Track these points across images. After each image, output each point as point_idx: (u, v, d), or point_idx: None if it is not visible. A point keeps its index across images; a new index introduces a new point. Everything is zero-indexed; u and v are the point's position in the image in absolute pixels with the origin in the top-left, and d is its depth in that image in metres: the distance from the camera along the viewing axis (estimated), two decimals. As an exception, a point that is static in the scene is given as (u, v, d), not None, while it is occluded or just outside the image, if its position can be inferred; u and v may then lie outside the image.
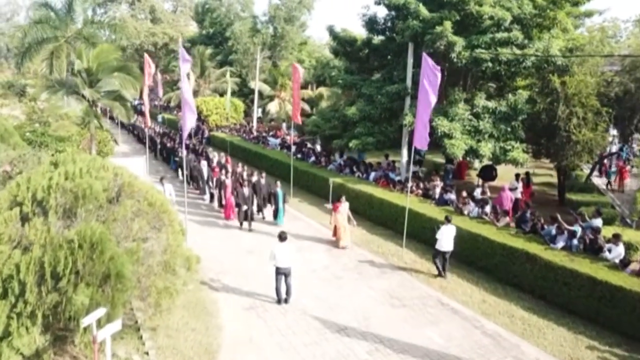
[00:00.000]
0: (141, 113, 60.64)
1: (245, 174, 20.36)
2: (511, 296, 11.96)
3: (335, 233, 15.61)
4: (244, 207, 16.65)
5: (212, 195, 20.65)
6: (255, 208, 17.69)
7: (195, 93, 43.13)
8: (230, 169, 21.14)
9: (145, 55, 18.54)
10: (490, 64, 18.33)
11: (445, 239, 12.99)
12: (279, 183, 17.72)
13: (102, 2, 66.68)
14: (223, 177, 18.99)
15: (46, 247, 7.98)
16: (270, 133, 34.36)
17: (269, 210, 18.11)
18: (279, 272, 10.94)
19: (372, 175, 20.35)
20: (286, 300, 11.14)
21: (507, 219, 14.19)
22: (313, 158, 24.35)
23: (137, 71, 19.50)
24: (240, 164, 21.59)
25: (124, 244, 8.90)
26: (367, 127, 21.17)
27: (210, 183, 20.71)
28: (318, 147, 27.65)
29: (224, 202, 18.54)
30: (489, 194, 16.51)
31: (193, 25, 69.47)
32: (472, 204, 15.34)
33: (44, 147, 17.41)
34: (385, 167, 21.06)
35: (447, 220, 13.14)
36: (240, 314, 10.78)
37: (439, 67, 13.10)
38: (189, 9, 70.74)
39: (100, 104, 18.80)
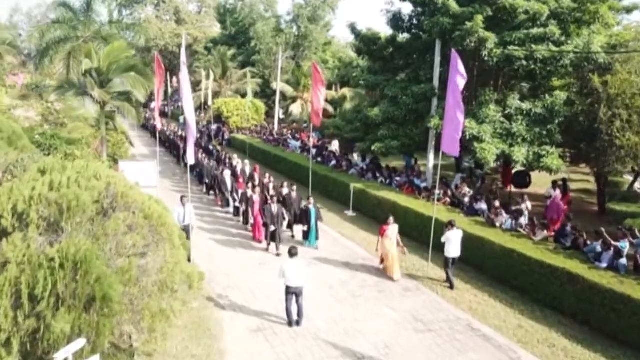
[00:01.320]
0: (163, 114, 60.84)
1: (272, 186, 18.29)
2: (551, 321, 10.66)
3: (382, 260, 13.36)
4: (272, 228, 14.62)
5: (237, 210, 18.44)
6: (285, 225, 15.95)
7: (217, 94, 42.61)
8: (257, 180, 19.09)
9: (156, 54, 17.79)
10: (524, 62, 16.94)
11: (453, 245, 12.21)
12: (312, 199, 15.35)
13: (128, 3, 66.94)
14: (250, 192, 16.56)
15: (25, 265, 7.11)
16: (290, 135, 33.37)
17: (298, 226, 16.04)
18: (289, 291, 9.90)
19: (397, 180, 19.17)
20: (297, 322, 10.09)
21: (545, 232, 12.85)
22: (334, 162, 23.26)
23: (148, 71, 18.79)
24: (267, 175, 19.48)
25: (115, 261, 8.00)
26: (391, 129, 20.01)
27: (235, 195, 18.64)
28: (332, 148, 26.53)
29: (251, 220, 16.33)
30: (528, 204, 15.07)
31: (217, 26, 69.11)
32: (504, 214, 14.02)
33: (53, 150, 16.77)
34: (410, 173, 19.82)
35: (452, 225, 12.44)
36: (246, 337, 9.76)
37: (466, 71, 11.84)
38: (213, 9, 70.49)
39: (110, 106, 18.11)
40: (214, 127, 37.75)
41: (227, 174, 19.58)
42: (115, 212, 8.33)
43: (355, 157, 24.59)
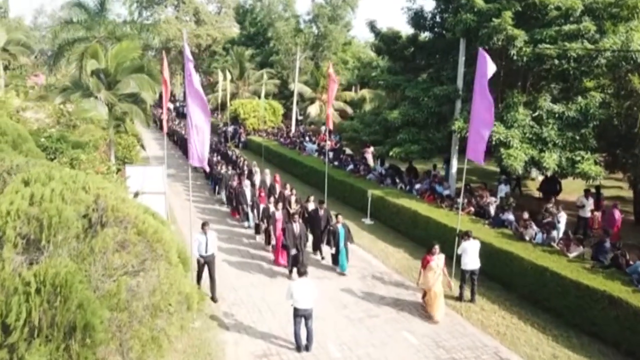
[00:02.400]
0: (181, 115, 60.50)
1: (294, 199, 16.30)
2: (589, 350, 9.57)
3: (425, 295, 11.30)
4: (293, 251, 12.66)
5: (257, 227, 16.41)
6: (309, 247, 14.30)
7: (234, 95, 41.95)
8: (277, 191, 17.41)
9: (163, 54, 17.06)
10: (556, 62, 15.74)
11: (470, 257, 11.29)
12: (341, 217, 13.48)
13: (148, 4, 66.90)
14: (272, 208, 14.50)
15: (-2, 290, 6.35)
16: (307, 137, 32.48)
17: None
18: (297, 313, 9.01)
19: (417, 187, 18.12)
20: (307, 348, 9.20)
21: (581, 248, 11.69)
22: (351, 166, 22.30)
23: (156, 72, 18.10)
24: (288, 186, 17.41)
25: (102, 284, 7.22)
26: (412, 133, 19.00)
27: (256, 210, 16.35)
28: (368, 156, 25.51)
29: (273, 241, 14.29)
30: (562, 215, 13.87)
31: (236, 27, 68.69)
32: (534, 227, 12.90)
33: (58, 154, 16.16)
34: (431, 179, 18.75)
35: (468, 235, 11.50)
36: (250, 364, 8.90)
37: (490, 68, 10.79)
38: (232, 10, 70.06)
39: (117, 108, 17.49)
40: (230, 128, 37.10)
41: (247, 185, 17.87)
42: (104, 228, 7.56)
43: (370, 158, 23.64)
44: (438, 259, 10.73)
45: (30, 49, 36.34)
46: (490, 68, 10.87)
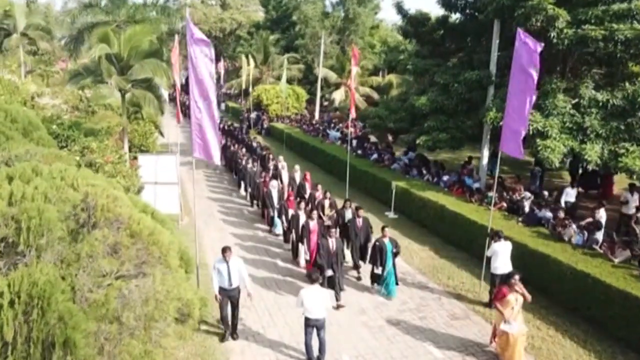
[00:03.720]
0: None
1: (327, 203, 13.88)
2: (638, 370, 8.48)
3: (495, 335, 8.98)
4: (329, 272, 10.39)
5: (286, 234, 14.11)
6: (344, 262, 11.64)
7: (257, 81, 41.13)
8: (308, 191, 15.52)
9: (176, 39, 16.32)
10: (601, 45, 14.30)
11: (500, 260, 10.25)
12: (387, 231, 11.16)
13: (174, -11, 66.33)
14: (303, 218, 12.33)
15: (-31, 301, 5.70)
16: (332, 124, 31.47)
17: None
18: (308, 323, 8.19)
19: (445, 179, 17.01)
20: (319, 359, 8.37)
21: (628, 252, 10.49)
22: (375, 155, 21.27)
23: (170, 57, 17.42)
24: (319, 187, 15.17)
25: (89, 293, 6.52)
26: (440, 120, 17.86)
27: (284, 217, 13.96)
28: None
29: (304, 256, 12.03)
30: (601, 214, 12.61)
31: (262, 10, 67.70)
32: (574, 226, 11.73)
33: (70, 142, 15.64)
34: (461, 171, 17.57)
35: (499, 236, 10.41)
36: (256, 377, 8.14)
37: (540, 45, 9.58)
38: (258, -6, 69.02)
39: (130, 94, 16.84)
40: (253, 115, 36.35)
41: (274, 186, 15.63)
42: (93, 230, 6.86)
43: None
44: (514, 295, 8.26)
45: (50, 34, 36.15)
46: (532, 51, 9.62)
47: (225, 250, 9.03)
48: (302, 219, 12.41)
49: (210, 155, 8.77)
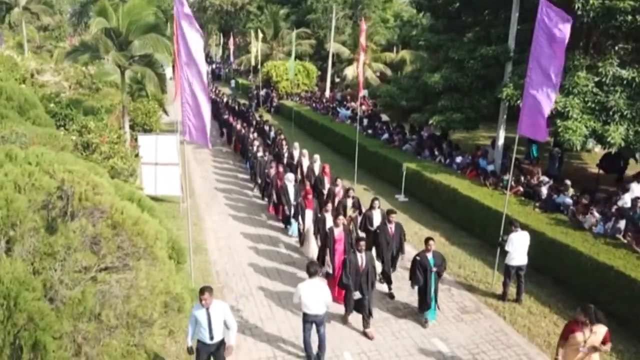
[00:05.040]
0: (218, 78, 59.32)
1: (350, 203, 11.82)
2: (664, 373, 7.82)
3: None
4: (357, 295, 8.54)
5: (302, 236, 12.14)
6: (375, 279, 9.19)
7: (267, 56, 40.20)
8: (327, 186, 13.63)
9: (175, 9, 15.52)
10: (629, 17, 13.30)
11: (518, 251, 9.55)
12: (432, 244, 8.91)
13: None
14: (329, 220, 10.36)
15: None
16: (344, 102, 30.61)
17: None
18: (307, 319, 7.63)
19: (458, 161, 16.23)
20: (318, 357, 7.83)
21: (655, 242, 9.74)
22: (386, 135, 20.49)
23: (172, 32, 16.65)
24: (339, 181, 13.06)
25: (65, 290, 5.99)
26: (454, 99, 17.06)
27: (300, 218, 11.88)
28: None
29: (328, 266, 9.61)
30: (626, 200, 11.80)
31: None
32: (596, 214, 10.97)
33: (68, 121, 15.12)
34: (475, 153, 16.74)
35: (515, 226, 9.70)
36: (251, 376, 7.63)
37: (569, 19, 8.68)
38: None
39: (130, 71, 16.19)
40: (262, 92, 35.56)
41: (290, 179, 13.38)
42: (71, 221, 6.32)
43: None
44: (595, 331, 6.26)
45: (53, 8, 35.43)
46: (560, 22, 8.70)
47: (203, 291, 6.68)
48: (329, 222, 10.34)
49: (202, 138, 8.14)
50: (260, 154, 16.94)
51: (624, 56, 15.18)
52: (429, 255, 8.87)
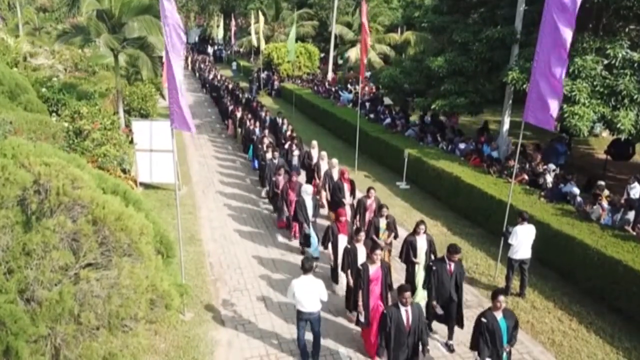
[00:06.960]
0: (220, 60, 58.55)
1: (384, 223, 9.50)
2: (674, 373, 7.49)
3: None
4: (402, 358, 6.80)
5: (334, 272, 9.53)
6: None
7: (269, 38, 39.49)
8: (347, 196, 11.71)
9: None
10: (642, -3, 12.74)
11: (522, 244, 9.20)
12: (501, 298, 6.64)
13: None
14: (363, 254, 8.18)
15: None
16: (348, 85, 30.02)
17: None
18: (301, 317, 7.32)
19: (461, 147, 15.79)
20: (313, 356, 7.53)
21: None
22: (388, 120, 20.02)
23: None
24: (372, 192, 10.61)
25: (42, 290, 5.68)
26: (458, 83, 16.55)
27: (331, 247, 9.35)
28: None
29: (360, 314, 7.63)
30: (637, 189, 11.35)
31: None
32: (604, 204, 10.56)
33: (60, 106, 14.73)
34: (478, 138, 16.29)
35: (523, 218, 9.26)
36: (242, 375, 7.35)
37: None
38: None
39: (123, 54, 15.73)
40: (263, 75, 34.97)
41: (307, 192, 10.87)
42: (48, 217, 5.97)
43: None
44: None
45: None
46: (567, 4, 8.19)
47: None
48: (361, 255, 8.21)
49: (187, 125, 7.71)
50: (269, 155, 14.32)
51: (635, 38, 14.62)
52: (499, 316, 6.55)
